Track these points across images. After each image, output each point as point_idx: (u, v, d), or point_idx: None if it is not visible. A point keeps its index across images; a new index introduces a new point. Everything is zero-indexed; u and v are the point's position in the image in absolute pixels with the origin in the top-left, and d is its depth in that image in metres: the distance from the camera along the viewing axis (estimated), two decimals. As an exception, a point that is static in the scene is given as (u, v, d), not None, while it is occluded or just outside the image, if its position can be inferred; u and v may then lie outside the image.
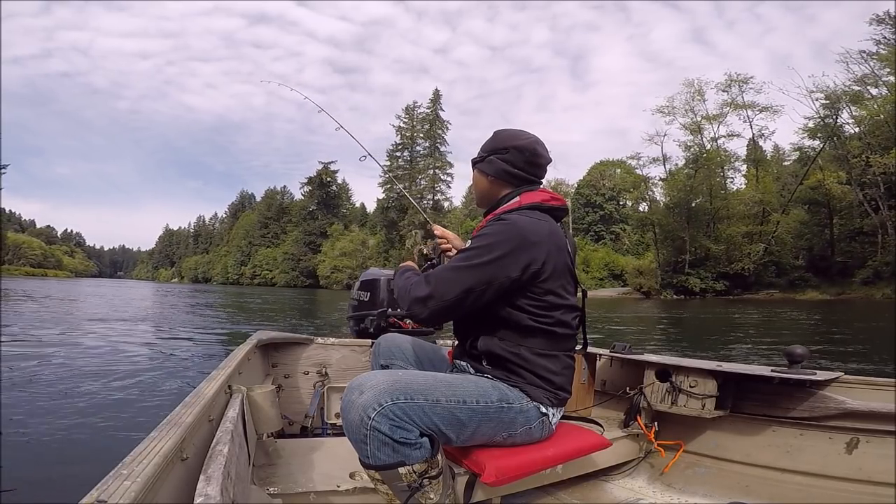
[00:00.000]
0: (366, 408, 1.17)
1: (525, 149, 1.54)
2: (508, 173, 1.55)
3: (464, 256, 1.38)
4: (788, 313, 17.81)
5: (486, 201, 1.63)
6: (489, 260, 1.34)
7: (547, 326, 1.43)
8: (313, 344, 2.51)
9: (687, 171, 40.89)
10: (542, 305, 1.41)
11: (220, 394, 1.34)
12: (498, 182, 1.57)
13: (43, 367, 4.81)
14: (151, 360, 5.62)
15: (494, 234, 1.37)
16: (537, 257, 1.37)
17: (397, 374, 1.29)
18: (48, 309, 13.56)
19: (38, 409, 3.37)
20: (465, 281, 1.34)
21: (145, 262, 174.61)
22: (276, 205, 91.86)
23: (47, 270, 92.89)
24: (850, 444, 1.77)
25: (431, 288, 1.36)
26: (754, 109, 38.83)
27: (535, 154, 1.55)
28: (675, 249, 39.57)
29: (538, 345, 1.44)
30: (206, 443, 1.05)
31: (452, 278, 1.35)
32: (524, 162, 1.54)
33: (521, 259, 1.35)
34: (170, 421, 0.99)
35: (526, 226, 1.39)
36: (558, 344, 1.47)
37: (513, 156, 1.54)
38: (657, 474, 2.09)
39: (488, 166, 1.57)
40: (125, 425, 3.12)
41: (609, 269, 48.00)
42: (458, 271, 1.36)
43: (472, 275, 1.34)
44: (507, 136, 1.58)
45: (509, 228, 1.38)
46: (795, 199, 37.51)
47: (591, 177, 58.90)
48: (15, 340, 6.75)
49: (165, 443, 0.86)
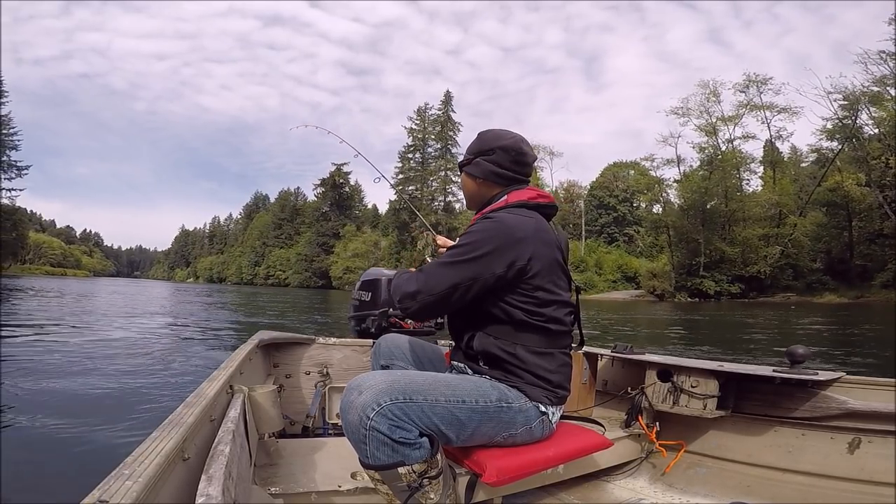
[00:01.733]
0: (365, 408, 1.18)
1: (511, 148, 1.55)
2: (496, 174, 1.56)
3: (451, 253, 1.41)
4: (805, 317, 17.53)
5: (475, 203, 1.65)
6: (474, 257, 1.37)
7: (540, 323, 1.43)
8: (315, 344, 2.52)
9: (702, 173, 40.46)
10: (534, 302, 1.42)
11: (222, 394, 1.35)
12: (486, 183, 1.58)
13: (45, 365, 4.81)
14: (156, 359, 5.63)
15: (480, 232, 1.40)
16: (522, 254, 1.38)
17: (396, 374, 1.30)
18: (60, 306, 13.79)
19: (39, 408, 3.36)
20: (452, 277, 1.37)
21: (161, 262, 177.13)
22: (290, 206, 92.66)
23: (67, 270, 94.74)
24: (852, 445, 1.76)
25: (420, 283, 1.39)
26: (772, 110, 38.38)
27: (521, 153, 1.56)
28: (690, 252, 39.21)
29: (533, 342, 1.44)
30: (207, 443, 1.05)
31: (440, 273, 1.39)
32: (511, 162, 1.55)
33: (506, 256, 1.37)
34: (171, 421, 0.99)
35: (511, 223, 1.41)
36: (553, 341, 1.47)
37: (499, 156, 1.55)
38: (658, 474, 2.08)
39: (475, 168, 1.59)
40: (127, 425, 3.13)
41: (622, 271, 47.60)
42: (445, 267, 1.39)
43: (458, 271, 1.37)
44: (492, 137, 1.59)
45: (495, 226, 1.40)
46: (813, 201, 36.98)
47: (604, 178, 58.54)
48: (22, 336, 6.80)
49: (167, 443, 0.86)
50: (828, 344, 9.30)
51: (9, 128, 51.10)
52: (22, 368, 4.63)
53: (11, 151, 51.55)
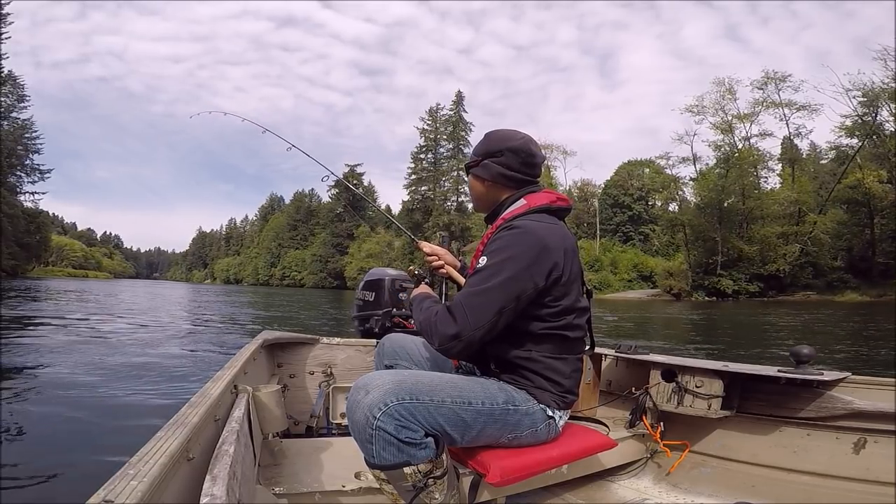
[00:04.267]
0: (371, 408, 1.18)
1: (520, 150, 1.51)
2: (505, 176, 1.52)
3: (487, 275, 1.32)
4: (825, 315, 17.17)
5: (485, 206, 1.60)
6: (515, 273, 1.30)
7: (558, 331, 1.41)
8: (319, 344, 2.52)
9: (718, 171, 39.84)
10: (556, 311, 1.39)
11: (226, 394, 1.35)
12: (495, 186, 1.54)
13: (49, 365, 4.81)
14: (163, 358, 5.65)
15: (514, 245, 1.33)
16: (558, 263, 1.35)
17: (403, 374, 1.29)
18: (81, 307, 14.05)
19: (43, 408, 3.37)
20: (496, 301, 1.29)
21: (179, 263, 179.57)
22: (305, 207, 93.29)
23: (88, 272, 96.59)
24: (858, 445, 1.75)
25: (462, 320, 1.30)
26: (791, 108, 37.59)
27: (531, 154, 1.51)
28: (707, 250, 38.61)
29: (550, 349, 1.42)
30: (211, 443, 1.05)
31: (481, 303, 1.30)
32: (520, 164, 1.51)
33: (545, 266, 1.32)
34: (176, 421, 1.00)
35: (541, 232, 1.36)
36: (569, 347, 1.46)
37: (508, 158, 1.50)
38: (663, 474, 2.08)
39: (484, 171, 1.54)
40: (132, 425, 3.13)
41: (638, 270, 47.09)
42: (485, 294, 1.30)
43: (501, 293, 1.29)
44: (500, 138, 1.54)
45: (527, 237, 1.34)
46: (833, 198, 36.09)
47: (618, 177, 57.84)
48: (29, 337, 6.84)
49: (171, 443, 0.87)
50: (846, 343, 9.11)
51: (31, 132, 52.25)
52: (19, 366, 4.65)
53: (34, 155, 52.70)
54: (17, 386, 3.97)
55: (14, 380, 4.19)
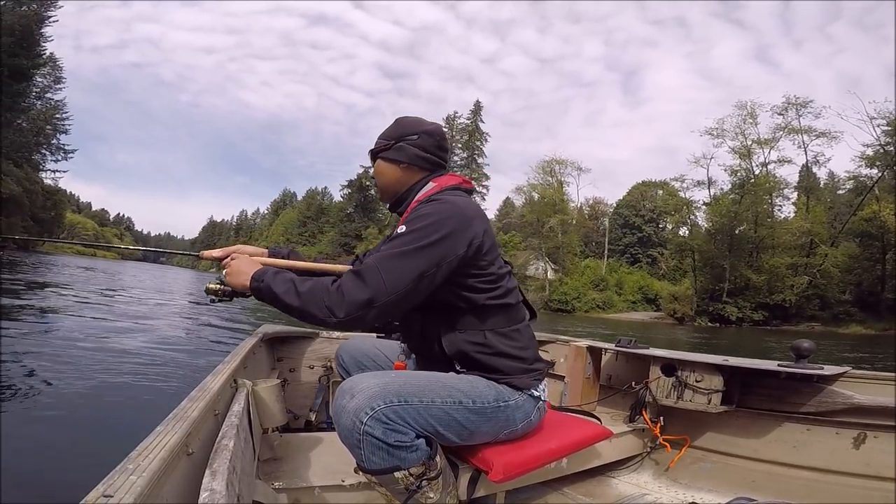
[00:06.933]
0: (357, 412, 1.15)
1: (435, 133, 1.54)
2: (422, 158, 1.51)
3: (408, 240, 1.28)
4: (828, 344, 16.98)
5: (394, 191, 1.56)
6: (437, 239, 1.28)
7: (500, 300, 1.42)
8: (318, 338, 2.50)
9: (732, 196, 39.48)
10: (490, 278, 1.40)
11: (226, 388, 1.35)
12: (411, 168, 1.52)
13: (48, 358, 4.55)
14: (162, 351, 5.50)
15: (436, 214, 1.32)
16: (478, 232, 1.35)
17: (390, 376, 1.27)
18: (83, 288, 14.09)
19: (41, 403, 3.27)
20: (417, 265, 1.25)
21: (187, 250, 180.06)
22: (316, 205, 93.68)
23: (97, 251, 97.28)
24: (858, 440, 1.75)
25: (375, 283, 1.22)
26: (811, 134, 37.09)
27: (443, 138, 1.56)
28: (714, 277, 38.22)
29: (498, 323, 1.42)
30: (211, 437, 1.04)
31: (400, 267, 1.24)
32: (435, 146, 1.53)
33: (466, 234, 1.32)
34: (175, 415, 0.99)
35: (461, 203, 1.38)
36: (514, 315, 1.47)
37: (424, 140, 1.51)
38: (662, 469, 2.08)
39: (399, 153, 1.51)
40: (131, 420, 3.07)
41: (643, 292, 46.78)
42: (406, 256, 1.25)
43: (423, 257, 1.26)
44: (413, 122, 1.55)
45: (448, 207, 1.35)
46: (847, 230, 35.72)
47: (631, 197, 57.66)
48: (23, 322, 6.48)
49: (171, 437, 0.87)
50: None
51: (62, 112, 52.99)
52: (18, 361, 4.37)
53: (61, 135, 53.39)
54: (15, 384, 3.77)
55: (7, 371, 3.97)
